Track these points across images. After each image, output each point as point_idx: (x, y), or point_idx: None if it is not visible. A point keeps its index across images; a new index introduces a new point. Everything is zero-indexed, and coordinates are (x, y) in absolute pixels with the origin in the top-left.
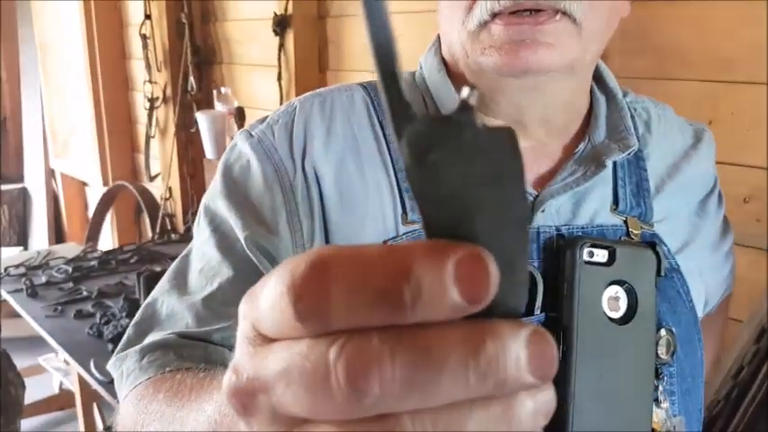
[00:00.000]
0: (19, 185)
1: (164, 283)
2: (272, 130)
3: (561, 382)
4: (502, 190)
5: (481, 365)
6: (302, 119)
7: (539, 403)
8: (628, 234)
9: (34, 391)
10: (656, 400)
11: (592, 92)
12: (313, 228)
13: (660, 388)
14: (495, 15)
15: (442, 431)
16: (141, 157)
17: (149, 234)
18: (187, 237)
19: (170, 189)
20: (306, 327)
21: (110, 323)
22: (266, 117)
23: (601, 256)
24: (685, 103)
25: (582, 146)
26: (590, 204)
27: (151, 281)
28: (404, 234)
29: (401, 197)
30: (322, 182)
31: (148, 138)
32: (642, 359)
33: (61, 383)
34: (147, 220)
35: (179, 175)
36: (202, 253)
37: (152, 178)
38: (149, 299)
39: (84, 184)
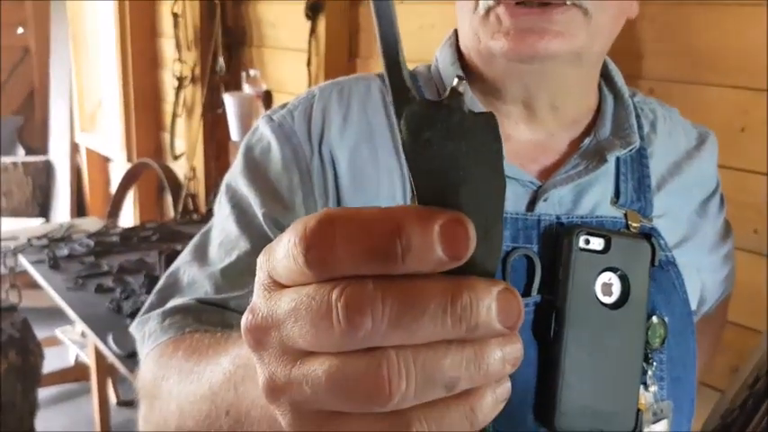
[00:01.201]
0: (43, 158)
1: (185, 254)
2: (292, 115)
3: (552, 361)
4: (483, 166)
5: (457, 311)
6: (321, 106)
7: (506, 352)
8: (627, 226)
9: (50, 362)
10: (645, 384)
11: (600, 90)
12: (327, 207)
13: (649, 373)
14: (499, 1)
15: (421, 365)
16: (166, 136)
17: (171, 213)
18: (209, 218)
19: (194, 169)
20: (313, 272)
21: (129, 298)
22: (287, 103)
23: (597, 243)
24: (717, 109)
25: (587, 141)
26: (591, 197)
27: (172, 259)
28: None
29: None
30: (337, 165)
31: (175, 117)
32: (631, 343)
33: (77, 356)
34: (170, 199)
35: (203, 155)
36: (222, 227)
37: (176, 157)
38: (171, 268)
39: (108, 159)
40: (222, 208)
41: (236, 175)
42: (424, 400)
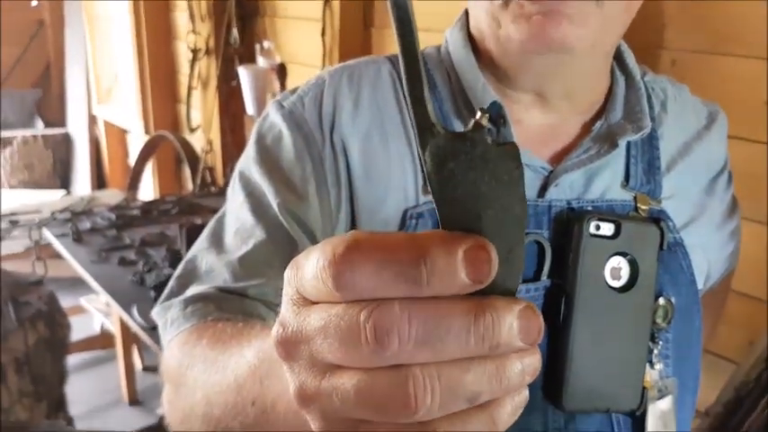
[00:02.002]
0: (62, 130)
1: (202, 241)
2: (302, 101)
3: (561, 344)
4: (505, 194)
5: (480, 331)
6: (331, 92)
7: (526, 365)
8: (636, 209)
9: (76, 330)
10: (651, 362)
11: (612, 72)
12: (340, 197)
13: (655, 351)
14: None
15: (445, 381)
16: (183, 108)
17: (190, 185)
18: (227, 190)
19: (210, 142)
20: (342, 295)
21: (152, 271)
22: (297, 88)
23: (607, 229)
24: (741, 80)
25: (598, 124)
26: (602, 180)
27: (192, 233)
28: (423, 203)
29: (422, 168)
30: (349, 153)
31: (190, 89)
32: (638, 324)
33: (102, 324)
34: (188, 172)
35: (220, 128)
36: (237, 215)
37: (192, 130)
38: (189, 255)
39: (126, 131)
40: (236, 195)
41: (249, 163)
42: (447, 413)
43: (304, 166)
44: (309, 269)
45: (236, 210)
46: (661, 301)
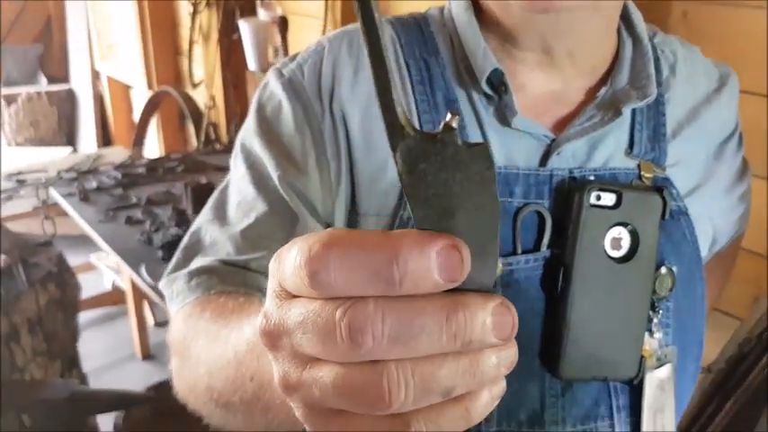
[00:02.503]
0: (65, 86)
1: (206, 212)
2: (301, 69)
3: (559, 313)
4: (477, 193)
5: (452, 329)
6: (331, 59)
7: (502, 358)
8: (640, 177)
9: (87, 287)
10: (650, 331)
11: (619, 34)
12: (339, 168)
13: (655, 320)
14: None
15: (419, 376)
16: (185, 62)
17: (194, 142)
18: (231, 147)
19: (213, 98)
20: (318, 293)
21: (159, 231)
22: (297, 55)
23: (608, 199)
24: (755, 32)
25: (603, 90)
26: (605, 148)
27: (198, 192)
28: None
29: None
30: (349, 124)
31: (191, 43)
32: (638, 294)
33: (113, 281)
34: (192, 128)
35: (222, 83)
36: (239, 188)
37: (195, 85)
38: (194, 227)
39: (129, 87)
40: (238, 167)
41: (250, 135)
42: (422, 406)
43: (304, 138)
44: (289, 264)
45: (238, 181)
46: (662, 270)
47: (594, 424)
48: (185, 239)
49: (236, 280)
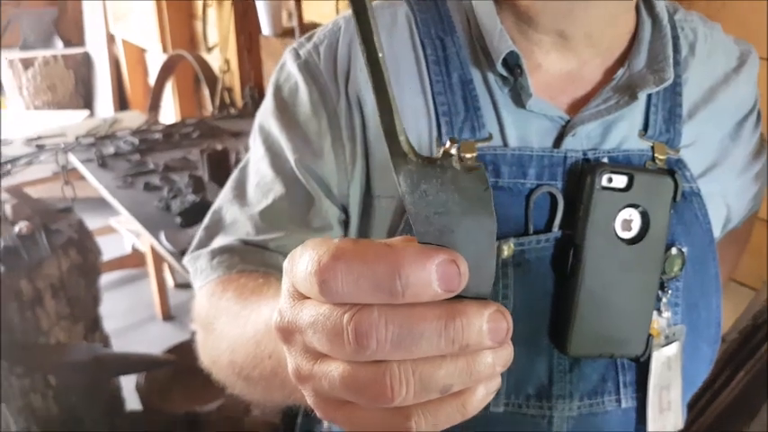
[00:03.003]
0: (81, 50)
1: (227, 192)
2: (317, 51)
3: (568, 293)
4: (474, 211)
5: (450, 335)
6: (347, 40)
7: (497, 357)
8: (653, 159)
9: (107, 250)
10: (659, 310)
11: (639, 14)
12: (354, 151)
13: (664, 300)
14: None
15: (419, 375)
16: (199, 25)
17: (209, 106)
18: (245, 112)
19: (228, 62)
20: (327, 299)
21: (177, 198)
22: (313, 34)
23: (619, 181)
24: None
25: (620, 72)
26: (619, 130)
27: (214, 159)
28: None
29: (437, 121)
30: (364, 107)
31: (205, 5)
32: (647, 275)
33: (133, 244)
34: (207, 92)
35: (236, 47)
36: (257, 168)
37: (209, 49)
38: (215, 205)
39: (144, 50)
40: (257, 148)
41: (267, 116)
42: (422, 401)
43: (319, 120)
44: (301, 270)
45: (257, 162)
46: (673, 251)
47: (601, 399)
48: (207, 218)
49: (255, 259)
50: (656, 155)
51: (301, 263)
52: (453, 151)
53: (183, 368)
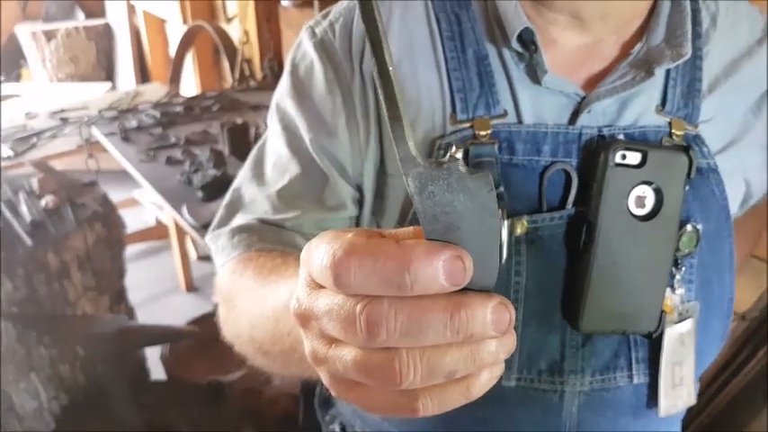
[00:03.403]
0: (102, 21)
1: (246, 170)
2: (333, 29)
3: (581, 269)
4: (479, 211)
5: (455, 325)
6: (359, 20)
7: (501, 345)
8: (670, 135)
9: (131, 222)
10: (672, 287)
11: None
12: (369, 129)
13: (678, 276)
14: None
15: (426, 361)
16: None
17: (228, 77)
18: (265, 84)
19: (247, 33)
20: (341, 291)
21: (198, 172)
22: (329, 12)
23: (633, 158)
24: None
25: (638, 47)
26: (636, 106)
27: (234, 133)
28: (451, 133)
29: (451, 98)
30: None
31: None
32: (660, 251)
33: (156, 216)
34: (227, 63)
35: (255, 18)
36: (275, 148)
37: (229, 20)
38: (235, 183)
39: (164, 21)
40: (274, 127)
41: (284, 96)
42: (428, 385)
43: (334, 99)
44: (316, 262)
45: (274, 141)
46: (687, 227)
47: (613, 374)
48: (227, 196)
49: (272, 238)
50: (673, 131)
51: (317, 255)
52: (459, 155)
53: (206, 339)
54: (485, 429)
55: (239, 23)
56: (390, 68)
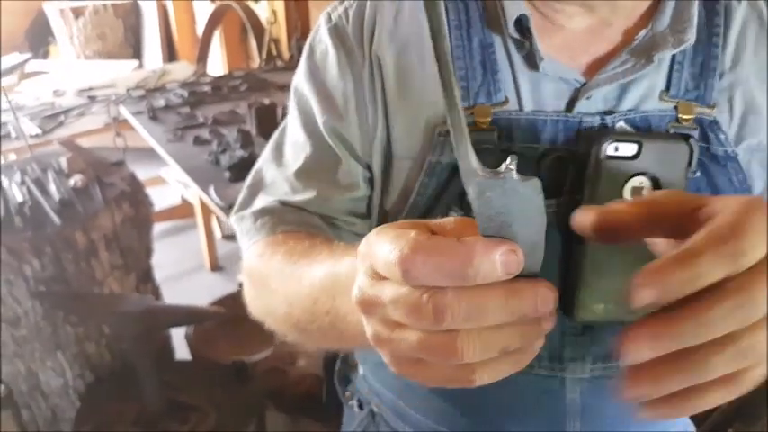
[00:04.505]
0: None
1: (268, 152)
2: (347, 14)
3: (575, 260)
4: (528, 211)
5: (510, 308)
6: (374, 4)
7: (546, 322)
8: (678, 120)
9: (158, 200)
10: None
11: None
12: (376, 113)
13: None
14: None
15: (485, 339)
16: None
17: (256, 56)
18: (292, 65)
19: (275, 12)
20: (408, 283)
21: (226, 152)
22: None
23: (627, 149)
24: None
25: (643, 33)
26: (638, 91)
27: (261, 114)
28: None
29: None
30: (384, 69)
31: None
32: None
33: (182, 195)
34: (254, 43)
35: None
36: (293, 130)
37: None
38: (257, 165)
39: None
40: (292, 109)
41: (301, 78)
42: (484, 359)
43: (345, 83)
44: (381, 257)
45: (292, 123)
46: None
47: (615, 362)
48: (249, 178)
49: (294, 219)
50: (680, 115)
51: (381, 251)
52: (513, 167)
53: (231, 319)
54: (491, 409)
55: (267, 3)
56: (459, 104)
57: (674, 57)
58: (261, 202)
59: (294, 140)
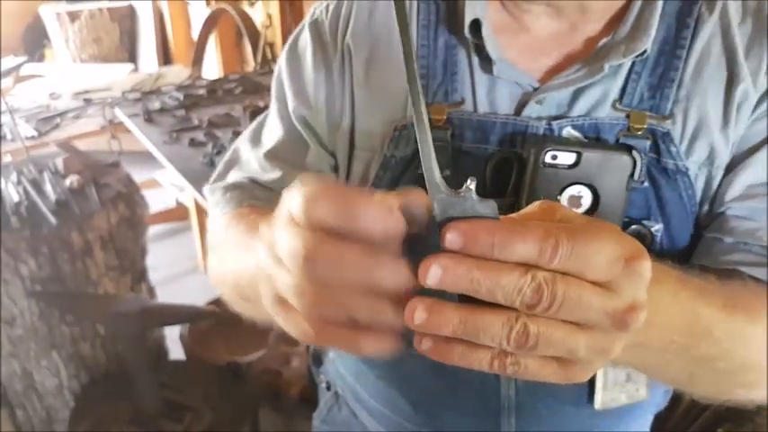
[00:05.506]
0: (126, 2)
1: (247, 133)
2: (327, 10)
3: None
4: None
5: (365, 268)
6: (353, 3)
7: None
8: (629, 128)
9: (153, 203)
10: None
11: None
12: (344, 104)
13: None
14: None
15: (336, 299)
16: None
17: (251, 60)
18: None
19: (270, 16)
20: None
21: (221, 154)
22: None
23: (566, 158)
24: None
25: (604, 40)
26: (590, 98)
27: (256, 116)
28: (409, 117)
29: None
30: (354, 60)
31: None
32: None
33: (177, 198)
34: (249, 47)
35: (278, 1)
36: (271, 115)
37: (252, 3)
38: (236, 144)
39: (187, 3)
40: (272, 97)
41: (282, 69)
42: (333, 319)
43: (318, 76)
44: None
45: (271, 109)
46: (633, 228)
47: None
48: (228, 153)
49: (261, 195)
50: (632, 124)
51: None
52: (472, 187)
53: (226, 320)
54: (431, 399)
55: (262, 7)
56: (425, 117)
57: (632, 66)
58: (233, 176)
59: (270, 124)
